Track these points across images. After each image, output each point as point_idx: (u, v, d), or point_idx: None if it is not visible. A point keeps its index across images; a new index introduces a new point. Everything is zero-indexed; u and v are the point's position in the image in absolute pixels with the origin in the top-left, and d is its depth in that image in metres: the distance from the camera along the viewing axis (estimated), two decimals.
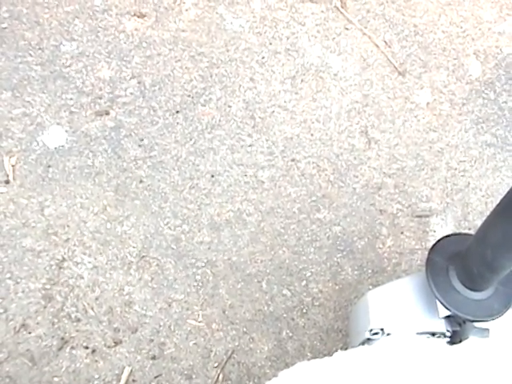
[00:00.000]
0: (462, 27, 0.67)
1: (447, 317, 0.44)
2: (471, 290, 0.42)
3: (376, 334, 0.45)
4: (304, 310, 0.58)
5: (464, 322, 0.44)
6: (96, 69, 0.64)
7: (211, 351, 0.55)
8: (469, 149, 0.66)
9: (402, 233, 0.64)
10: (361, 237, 0.63)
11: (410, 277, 0.48)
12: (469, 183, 0.61)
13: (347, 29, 0.67)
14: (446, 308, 0.42)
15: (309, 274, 0.61)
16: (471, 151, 0.64)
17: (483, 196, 0.58)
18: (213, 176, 0.64)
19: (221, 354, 0.55)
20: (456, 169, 0.67)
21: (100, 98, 0.64)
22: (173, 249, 0.61)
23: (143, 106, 0.63)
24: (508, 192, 0.36)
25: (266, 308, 0.58)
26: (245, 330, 0.57)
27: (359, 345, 0.44)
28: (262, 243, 0.62)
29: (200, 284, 0.60)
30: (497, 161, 0.63)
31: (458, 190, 0.66)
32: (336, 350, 0.40)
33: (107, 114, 0.63)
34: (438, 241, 0.44)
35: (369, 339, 0.45)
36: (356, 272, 0.61)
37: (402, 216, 0.65)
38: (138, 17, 0.68)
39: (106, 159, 0.62)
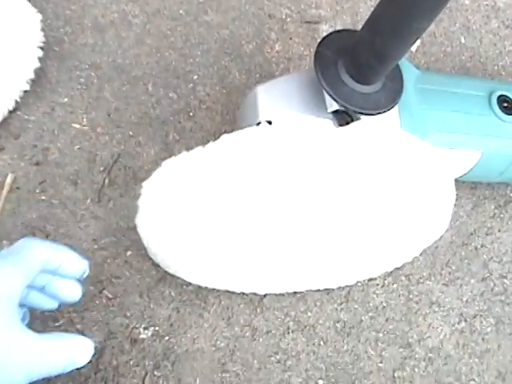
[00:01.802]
0: None
1: (335, 112, 0.44)
2: (360, 83, 0.43)
3: None
4: (191, 114, 0.58)
5: (352, 120, 0.45)
6: None
7: (96, 155, 0.55)
8: None
9: (290, 38, 0.64)
10: (249, 41, 0.62)
11: (299, 72, 0.48)
12: None
13: None
14: (334, 100, 0.42)
15: (195, 76, 0.60)
16: None
17: (372, 6, 0.58)
18: None
19: (107, 158, 0.55)
20: None
21: None
22: (55, 51, 0.58)
23: None
24: None
25: (152, 111, 0.58)
26: (131, 133, 0.57)
27: None
28: (147, 45, 0.60)
29: (84, 87, 0.59)
30: None
31: None
32: None
33: None
34: (328, 35, 0.44)
35: None
36: (244, 76, 0.61)
37: (291, 22, 0.65)
38: None
39: None
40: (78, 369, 0.49)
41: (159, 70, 0.59)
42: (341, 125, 0.47)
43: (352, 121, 0.47)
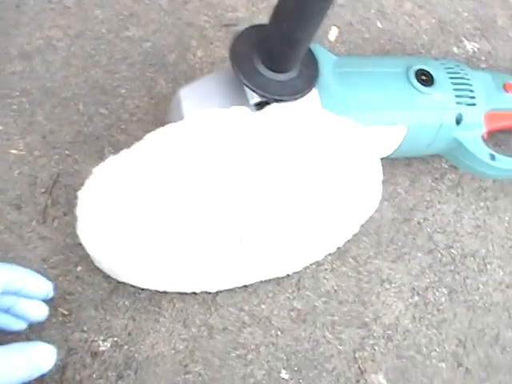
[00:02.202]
0: None
1: (259, 106, 0.46)
2: (276, 72, 0.45)
3: None
4: (123, 127, 0.60)
5: None
6: None
7: (37, 178, 0.56)
8: None
9: (211, 43, 0.66)
10: (171, 50, 0.65)
11: (219, 71, 0.50)
12: None
13: None
14: (253, 91, 0.44)
15: (123, 90, 0.62)
16: None
17: None
18: (17, 6, 0.62)
19: (47, 180, 0.56)
20: None
21: None
22: None
23: None
24: None
25: (85, 129, 0.59)
26: (67, 152, 0.58)
27: None
28: (74, 66, 0.62)
29: (17, 113, 0.60)
30: None
31: None
32: None
33: None
34: (241, 31, 0.46)
35: None
36: (170, 84, 0.63)
37: (210, 27, 0.67)
38: None
39: None
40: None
41: (88, 88, 0.60)
42: None
43: None
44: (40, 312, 0.44)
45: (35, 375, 0.38)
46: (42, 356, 0.39)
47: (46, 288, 0.44)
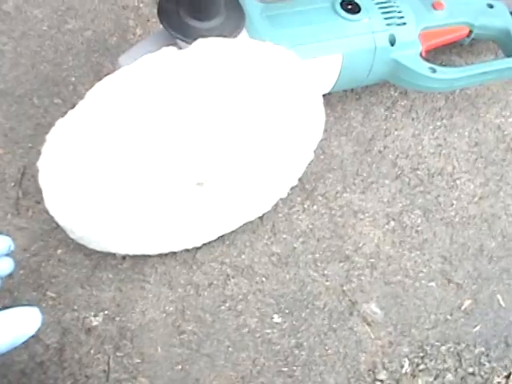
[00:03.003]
0: None
1: None
2: (202, 20, 0.47)
3: None
4: None
5: None
6: None
7: (5, 174, 0.58)
8: None
9: (148, 20, 0.69)
10: (111, 34, 0.67)
11: (152, 35, 0.52)
12: None
13: None
14: (183, 41, 0.46)
15: (73, 78, 0.65)
16: None
17: None
18: None
19: (15, 174, 0.58)
20: None
21: None
22: None
23: None
24: None
25: (43, 120, 0.62)
26: (30, 145, 0.60)
27: None
28: (23, 65, 0.65)
29: None
30: None
31: None
32: None
33: None
34: None
35: None
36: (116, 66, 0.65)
37: (145, 6, 0.70)
38: None
39: None
40: (44, 373, 0.52)
41: (39, 83, 0.63)
42: None
43: None
44: (6, 265, 0.46)
45: (22, 340, 0.39)
46: (27, 319, 0.40)
47: (5, 244, 0.46)
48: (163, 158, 0.48)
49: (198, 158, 0.49)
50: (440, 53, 0.72)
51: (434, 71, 0.60)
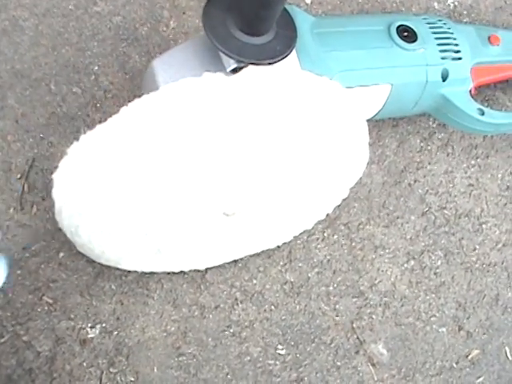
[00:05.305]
0: None
1: (235, 71, 0.44)
2: (251, 35, 0.42)
3: None
4: (98, 105, 0.58)
5: None
6: None
7: (11, 163, 0.55)
8: None
9: (184, 13, 0.64)
10: (143, 23, 0.62)
11: (192, 40, 0.47)
12: None
13: None
14: (229, 56, 0.42)
15: (96, 67, 0.60)
16: None
17: None
18: None
19: (22, 165, 0.55)
20: None
21: None
22: None
23: None
24: None
25: (59, 110, 0.57)
26: (41, 135, 0.56)
27: None
28: (43, 46, 0.60)
29: None
30: None
31: None
32: None
33: None
34: None
35: None
36: (144, 58, 0.60)
37: None
38: None
39: None
40: (32, 381, 0.49)
41: (59, 68, 0.58)
42: None
43: None
44: None
45: None
46: None
47: None
48: (193, 187, 0.45)
49: (230, 189, 0.46)
50: (483, 87, 0.68)
51: (483, 113, 0.56)
